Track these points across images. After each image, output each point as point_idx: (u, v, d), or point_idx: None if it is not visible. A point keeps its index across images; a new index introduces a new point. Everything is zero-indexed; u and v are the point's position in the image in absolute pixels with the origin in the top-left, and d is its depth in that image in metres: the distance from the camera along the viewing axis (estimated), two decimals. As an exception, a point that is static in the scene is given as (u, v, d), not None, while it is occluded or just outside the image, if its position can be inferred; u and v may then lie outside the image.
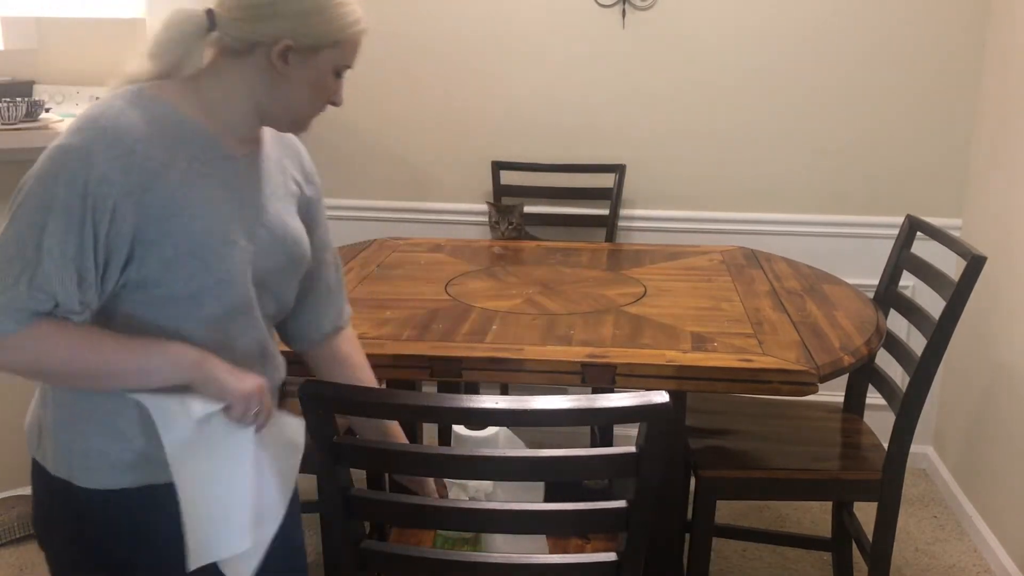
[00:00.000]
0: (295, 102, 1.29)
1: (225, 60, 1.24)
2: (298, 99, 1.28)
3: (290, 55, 1.22)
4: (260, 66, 1.23)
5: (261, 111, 1.27)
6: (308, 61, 1.24)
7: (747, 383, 1.66)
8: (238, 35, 1.21)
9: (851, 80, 2.89)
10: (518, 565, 1.28)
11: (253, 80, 1.24)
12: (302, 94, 1.28)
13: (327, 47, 1.25)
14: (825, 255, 2.97)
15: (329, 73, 1.28)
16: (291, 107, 1.29)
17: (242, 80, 1.24)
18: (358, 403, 1.24)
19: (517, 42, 2.99)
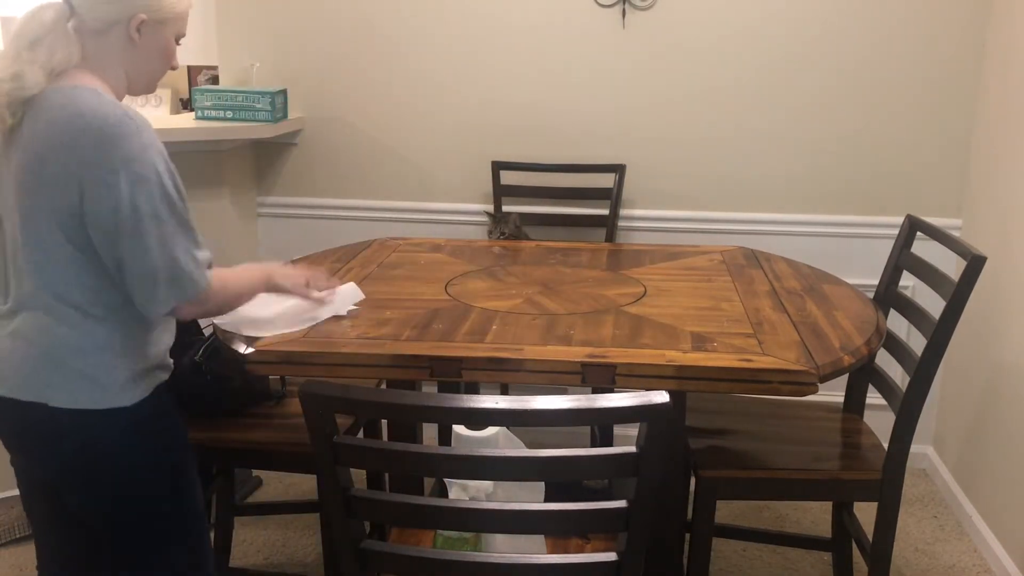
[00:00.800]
0: (150, 68, 1.54)
1: (91, 43, 1.47)
2: (152, 65, 1.54)
3: (143, 28, 1.48)
4: (120, 41, 1.48)
5: (130, 79, 1.53)
6: (157, 32, 1.51)
7: (747, 383, 1.66)
8: (99, 15, 1.45)
9: (851, 80, 2.89)
10: (518, 565, 1.28)
11: (119, 54, 1.49)
12: (154, 61, 1.54)
13: (171, 19, 1.52)
14: (825, 255, 2.97)
15: (172, 40, 1.55)
16: (147, 72, 1.55)
17: (111, 56, 1.49)
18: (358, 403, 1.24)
19: (517, 42, 2.99)
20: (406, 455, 1.25)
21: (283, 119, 3.02)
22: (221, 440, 2.09)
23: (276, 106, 2.95)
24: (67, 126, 1.39)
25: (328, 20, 3.06)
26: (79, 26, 1.46)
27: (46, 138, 1.40)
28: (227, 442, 2.09)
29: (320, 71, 3.11)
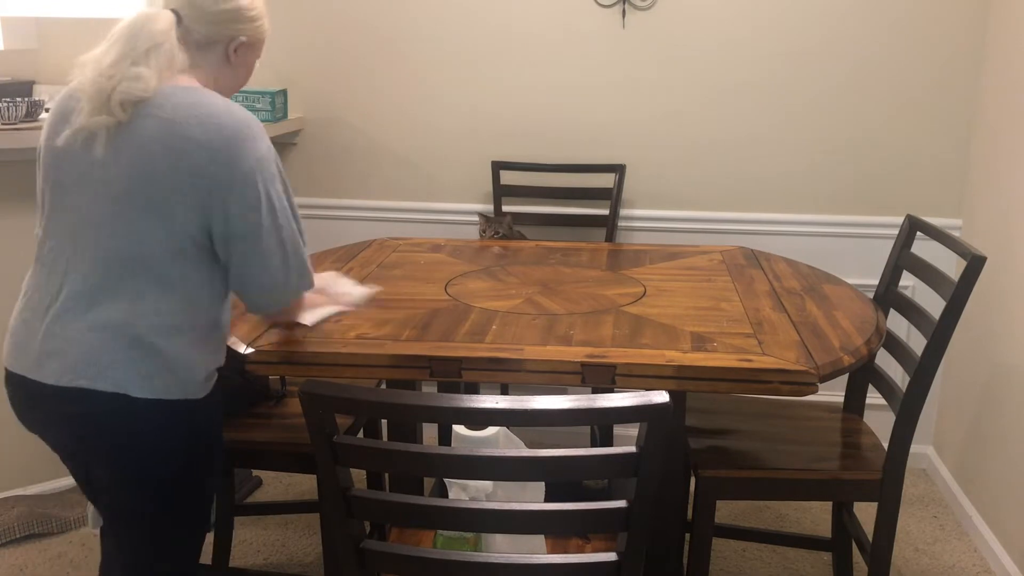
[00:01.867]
0: (236, 83, 1.71)
1: (192, 54, 1.61)
2: (238, 82, 1.71)
3: (239, 49, 1.65)
4: (218, 57, 1.64)
5: (216, 91, 1.61)
6: (248, 53, 1.69)
7: (747, 383, 1.66)
8: (205, 32, 1.61)
9: (851, 80, 2.89)
10: (518, 565, 1.28)
11: (214, 68, 1.64)
12: (240, 78, 1.71)
13: (260, 42, 1.71)
14: (825, 255, 2.97)
15: (254, 63, 1.73)
16: (232, 87, 1.70)
17: (207, 68, 1.63)
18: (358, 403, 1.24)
19: (517, 42, 2.99)
20: (406, 455, 1.25)
21: (283, 119, 3.02)
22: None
23: (276, 106, 2.95)
24: (201, 124, 1.48)
25: (328, 20, 3.06)
26: (184, 36, 1.59)
27: (177, 133, 1.47)
28: (227, 442, 2.09)
29: (320, 71, 3.11)
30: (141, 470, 1.56)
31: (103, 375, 1.50)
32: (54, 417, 1.56)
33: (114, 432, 1.53)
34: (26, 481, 2.80)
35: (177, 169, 1.47)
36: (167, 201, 1.48)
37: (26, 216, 2.70)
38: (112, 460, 1.56)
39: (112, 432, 1.53)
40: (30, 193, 2.70)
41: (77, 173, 1.52)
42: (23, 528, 2.63)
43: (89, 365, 1.50)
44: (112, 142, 1.49)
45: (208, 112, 1.50)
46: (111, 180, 1.49)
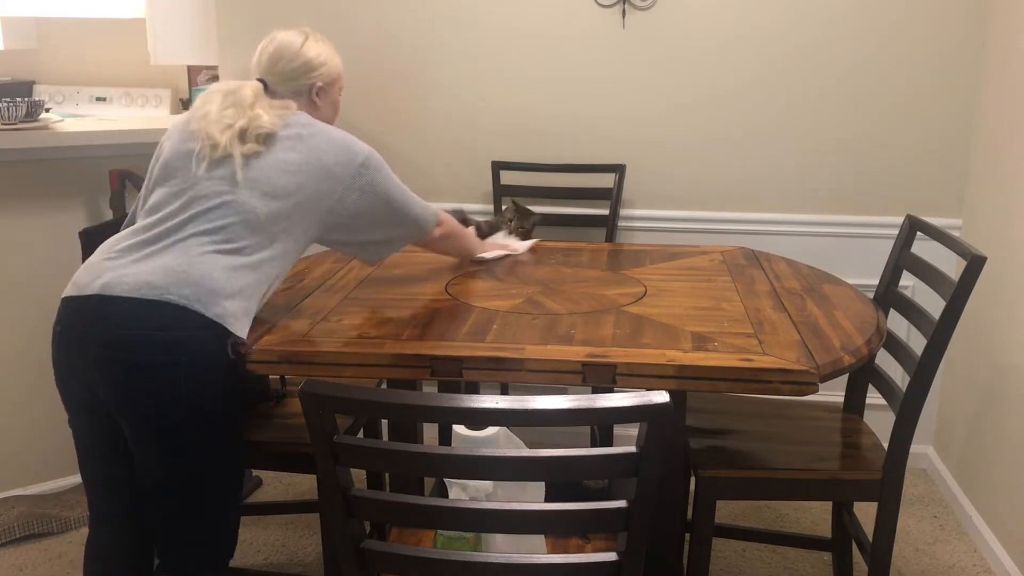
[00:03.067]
0: (329, 118, 2.02)
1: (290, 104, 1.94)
2: (329, 116, 2.03)
3: (321, 92, 1.99)
4: (306, 104, 1.98)
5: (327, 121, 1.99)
6: (330, 92, 2.02)
7: (747, 383, 1.66)
8: (288, 88, 1.95)
9: (851, 80, 2.89)
10: (518, 565, 1.28)
11: (307, 110, 1.96)
12: (329, 112, 2.04)
13: (337, 78, 2.03)
14: (825, 255, 2.97)
15: (339, 96, 2.07)
16: (328, 122, 1.98)
17: (309, 111, 1.96)
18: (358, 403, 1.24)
19: (517, 42, 2.99)
20: (406, 455, 1.25)
21: (283, 119, 3.01)
22: (221, 440, 2.09)
23: (276, 106, 2.95)
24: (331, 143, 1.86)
25: (328, 20, 3.06)
26: (273, 96, 1.93)
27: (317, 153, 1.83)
28: (227, 442, 2.09)
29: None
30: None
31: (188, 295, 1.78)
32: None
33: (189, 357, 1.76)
34: (26, 481, 2.80)
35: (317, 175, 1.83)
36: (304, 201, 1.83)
37: (26, 216, 2.70)
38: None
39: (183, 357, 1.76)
40: (30, 193, 2.70)
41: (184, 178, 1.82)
42: (23, 528, 2.63)
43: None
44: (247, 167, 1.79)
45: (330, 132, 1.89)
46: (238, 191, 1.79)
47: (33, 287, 2.72)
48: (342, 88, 2.08)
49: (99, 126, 2.79)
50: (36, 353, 2.74)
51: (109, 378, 1.68)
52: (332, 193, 1.84)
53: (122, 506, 1.84)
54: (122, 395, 1.69)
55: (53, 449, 2.79)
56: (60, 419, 2.78)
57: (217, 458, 1.77)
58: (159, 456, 1.72)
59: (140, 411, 1.69)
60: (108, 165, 2.77)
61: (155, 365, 1.66)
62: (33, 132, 2.58)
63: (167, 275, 1.69)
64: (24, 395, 2.76)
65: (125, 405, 1.70)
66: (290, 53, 1.94)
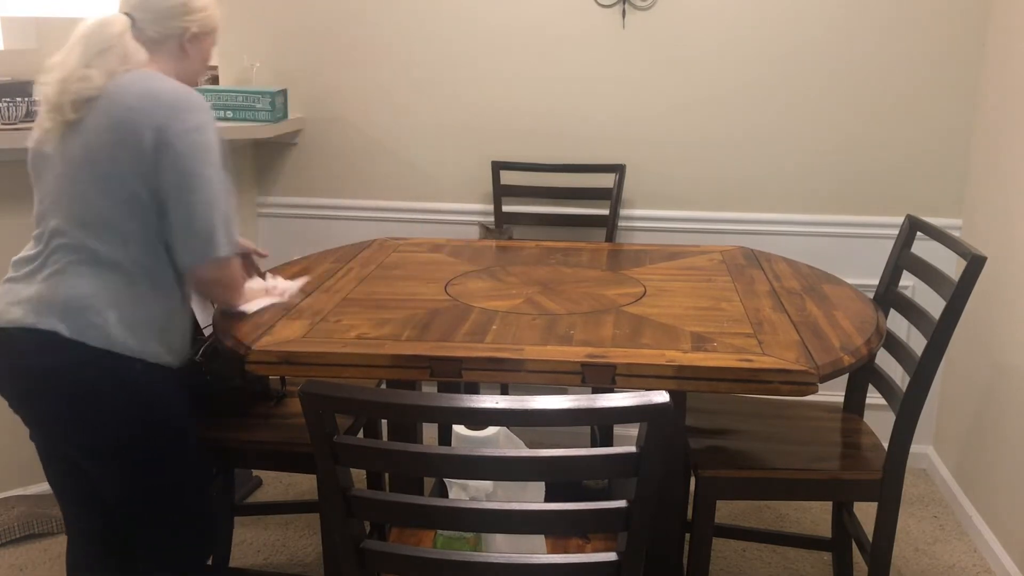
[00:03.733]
0: (195, 72, 1.83)
1: (149, 50, 1.74)
2: (196, 69, 1.83)
3: (192, 40, 1.77)
4: (174, 51, 1.77)
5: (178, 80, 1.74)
6: (203, 43, 1.81)
7: (747, 383, 1.66)
8: (157, 29, 1.74)
9: (851, 80, 2.89)
10: (518, 565, 1.28)
11: (171, 61, 1.77)
12: (198, 66, 1.83)
13: (212, 31, 1.82)
14: (825, 255, 2.97)
15: (211, 49, 1.85)
16: (192, 76, 1.82)
17: (165, 61, 1.76)
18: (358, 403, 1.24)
19: (517, 42, 2.99)
20: (406, 455, 1.25)
21: (283, 119, 3.02)
22: (221, 440, 2.09)
23: (276, 106, 2.95)
24: (142, 98, 1.63)
25: (328, 20, 3.06)
26: (139, 36, 1.73)
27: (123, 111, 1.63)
28: (227, 442, 2.09)
29: (320, 71, 3.11)
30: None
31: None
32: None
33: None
34: (26, 481, 2.80)
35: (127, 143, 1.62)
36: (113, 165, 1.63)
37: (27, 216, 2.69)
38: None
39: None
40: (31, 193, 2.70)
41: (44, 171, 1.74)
42: (23, 528, 2.63)
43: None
44: (63, 140, 1.66)
45: (148, 87, 1.66)
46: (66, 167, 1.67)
47: (33, 287, 2.71)
48: (215, 44, 1.88)
49: (99, 126, 2.79)
50: (36, 353, 2.74)
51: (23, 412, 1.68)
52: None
53: (93, 517, 1.83)
54: (41, 427, 1.69)
55: (53, 449, 2.79)
56: (60, 419, 2.78)
57: (168, 468, 1.75)
58: (108, 475, 1.71)
59: (67, 438, 1.68)
60: (108, 165, 2.77)
61: (49, 398, 1.63)
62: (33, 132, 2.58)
63: (39, 301, 1.64)
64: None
65: (49, 435, 1.69)
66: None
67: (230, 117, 2.96)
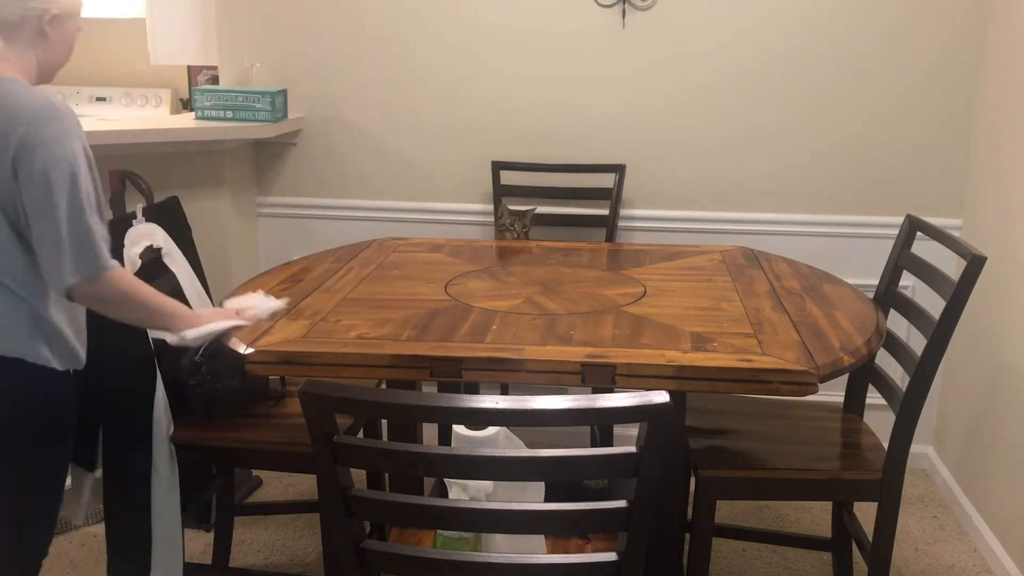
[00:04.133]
0: (58, 58, 1.72)
1: (7, 36, 1.64)
2: (59, 56, 1.72)
3: (54, 22, 1.65)
4: (33, 34, 1.65)
5: (40, 69, 1.69)
6: (65, 25, 1.69)
7: (747, 383, 1.66)
8: (13, 10, 1.62)
9: (851, 80, 2.89)
10: (518, 565, 1.28)
11: (31, 46, 1.66)
12: (61, 52, 1.71)
13: (76, 13, 1.71)
14: (825, 255, 2.97)
15: (75, 33, 1.73)
16: (55, 63, 1.72)
17: (23, 47, 1.65)
18: (358, 403, 1.24)
19: (517, 42, 2.99)
20: (406, 455, 1.25)
21: (283, 119, 3.02)
22: (221, 440, 2.09)
23: (276, 106, 2.95)
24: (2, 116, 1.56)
25: (328, 20, 3.06)
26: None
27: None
28: (227, 442, 2.09)
29: (320, 71, 3.11)
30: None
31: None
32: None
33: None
34: (26, 481, 2.79)
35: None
36: None
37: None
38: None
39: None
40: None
41: None
42: (23, 528, 2.63)
43: None
44: None
45: (7, 103, 1.57)
46: None
47: (33, 287, 2.71)
48: (79, 29, 1.75)
49: (99, 126, 2.79)
50: (36, 353, 2.74)
51: None
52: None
53: None
54: None
55: (53, 449, 2.79)
56: (60, 419, 2.78)
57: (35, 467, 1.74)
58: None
59: None
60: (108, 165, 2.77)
61: None
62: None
63: None
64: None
65: None
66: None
67: (230, 117, 2.96)
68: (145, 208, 2.23)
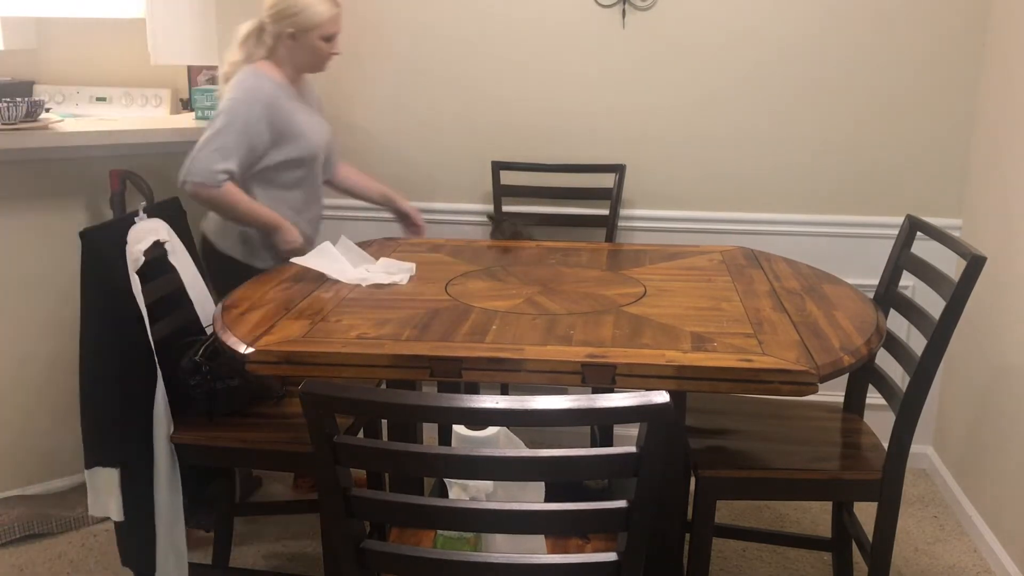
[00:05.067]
0: (307, 59, 2.46)
1: (275, 43, 2.43)
2: (308, 58, 2.45)
3: (294, 37, 2.39)
4: (286, 44, 2.42)
5: (295, 67, 2.48)
6: (305, 38, 2.40)
7: (747, 383, 1.66)
8: (272, 31, 2.41)
9: (851, 80, 2.89)
10: (518, 565, 1.28)
11: (287, 52, 2.43)
12: (308, 55, 2.44)
13: (311, 28, 2.38)
14: (825, 255, 2.97)
15: (319, 40, 2.41)
16: (306, 62, 2.47)
17: (283, 52, 2.44)
18: (358, 403, 1.24)
19: (517, 42, 2.99)
20: (406, 455, 1.25)
21: (283, 119, 3.01)
22: (221, 440, 2.09)
23: (276, 106, 2.95)
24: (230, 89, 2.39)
25: (328, 20, 3.06)
26: (260, 34, 2.43)
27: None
28: (227, 442, 2.09)
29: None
30: None
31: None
32: None
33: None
34: (26, 481, 2.80)
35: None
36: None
37: (26, 216, 2.70)
38: None
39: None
40: (30, 193, 2.70)
41: None
42: (23, 528, 2.63)
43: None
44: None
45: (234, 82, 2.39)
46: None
47: (34, 287, 2.72)
48: (327, 36, 2.39)
49: (99, 126, 2.79)
50: (37, 353, 2.74)
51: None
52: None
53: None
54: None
55: (53, 449, 2.79)
56: (60, 419, 2.79)
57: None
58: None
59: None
60: (108, 165, 2.77)
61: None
62: (33, 132, 2.58)
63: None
64: (25, 395, 2.76)
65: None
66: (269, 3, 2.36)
67: (230, 117, 2.96)
68: (146, 208, 2.23)
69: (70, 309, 2.42)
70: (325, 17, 2.36)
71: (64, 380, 2.73)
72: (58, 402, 2.77)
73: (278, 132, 2.38)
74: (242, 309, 1.98)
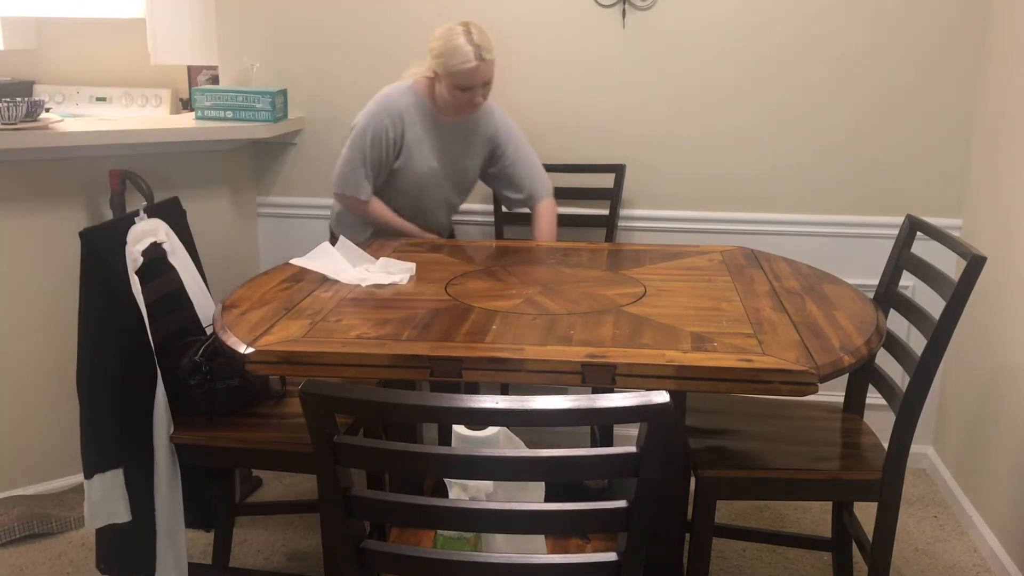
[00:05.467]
0: (444, 100, 2.56)
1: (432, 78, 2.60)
2: (444, 99, 2.56)
3: (437, 78, 2.53)
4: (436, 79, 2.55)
5: (438, 104, 2.60)
6: (444, 82, 2.51)
7: (747, 383, 1.66)
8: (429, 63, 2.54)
9: (851, 80, 2.89)
10: (518, 565, 1.28)
11: (437, 86, 2.56)
12: (445, 96, 2.54)
13: (447, 76, 2.49)
14: (825, 255, 2.97)
15: (453, 89, 2.51)
16: (445, 104, 2.58)
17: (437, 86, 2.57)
18: (358, 403, 1.24)
19: (517, 42, 2.99)
20: (406, 455, 1.25)
21: (283, 119, 3.02)
22: (221, 440, 2.09)
23: (276, 106, 2.95)
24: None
25: (328, 21, 3.06)
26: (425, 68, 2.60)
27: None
28: (227, 442, 2.09)
29: (320, 71, 3.11)
30: None
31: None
32: None
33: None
34: (26, 481, 2.80)
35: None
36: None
37: (26, 216, 2.70)
38: None
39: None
40: (30, 193, 2.70)
41: None
42: (23, 528, 2.63)
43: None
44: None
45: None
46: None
47: (33, 287, 2.72)
48: (459, 87, 2.47)
49: (99, 126, 2.79)
50: (36, 353, 2.74)
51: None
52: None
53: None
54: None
55: (53, 449, 2.79)
56: (60, 419, 2.79)
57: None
58: None
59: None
60: (108, 165, 2.77)
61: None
62: (33, 132, 2.58)
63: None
64: (25, 395, 2.76)
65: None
66: (434, 35, 2.53)
67: (230, 117, 2.96)
68: (146, 208, 2.23)
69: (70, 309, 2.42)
70: (462, 69, 2.44)
71: (64, 380, 2.73)
72: (58, 402, 2.77)
73: (396, 146, 2.60)
74: (242, 309, 1.98)
